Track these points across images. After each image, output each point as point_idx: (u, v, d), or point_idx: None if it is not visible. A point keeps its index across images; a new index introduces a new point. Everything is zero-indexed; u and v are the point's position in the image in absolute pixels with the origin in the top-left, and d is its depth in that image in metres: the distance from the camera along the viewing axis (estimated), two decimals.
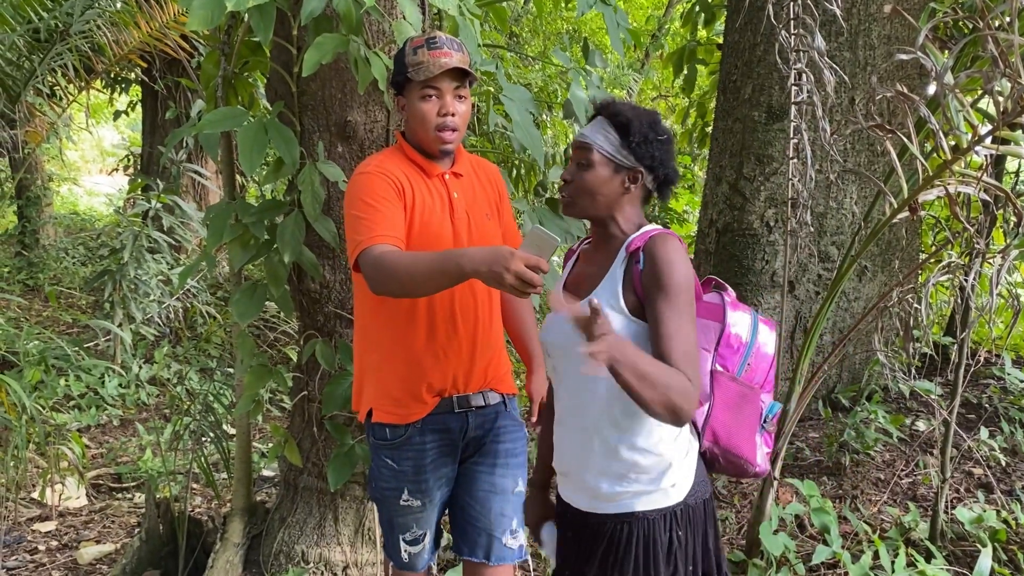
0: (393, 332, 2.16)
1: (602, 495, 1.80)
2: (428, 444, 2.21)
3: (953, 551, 3.14)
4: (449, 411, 2.21)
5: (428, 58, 2.04)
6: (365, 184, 2.08)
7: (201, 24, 2.32)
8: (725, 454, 1.86)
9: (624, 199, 1.79)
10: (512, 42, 10.07)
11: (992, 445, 3.81)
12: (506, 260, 1.64)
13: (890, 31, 4.36)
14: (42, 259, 9.29)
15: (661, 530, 1.76)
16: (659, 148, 1.76)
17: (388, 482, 2.24)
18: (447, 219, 2.16)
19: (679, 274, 1.66)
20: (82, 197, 16.88)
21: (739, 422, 1.85)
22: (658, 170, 1.78)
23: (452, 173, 2.21)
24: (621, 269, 1.76)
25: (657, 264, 1.67)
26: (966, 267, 2.61)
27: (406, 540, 2.28)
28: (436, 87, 2.07)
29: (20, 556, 3.62)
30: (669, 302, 1.64)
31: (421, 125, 2.11)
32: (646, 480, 1.77)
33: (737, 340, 1.86)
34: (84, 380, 5.78)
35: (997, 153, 2.21)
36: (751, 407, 1.87)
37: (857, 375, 4.71)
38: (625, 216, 1.81)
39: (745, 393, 1.86)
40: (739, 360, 1.86)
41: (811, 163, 2.75)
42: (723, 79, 4.92)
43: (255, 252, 2.77)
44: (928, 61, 2.12)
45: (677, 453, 1.78)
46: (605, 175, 1.77)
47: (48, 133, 6.83)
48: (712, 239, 4.79)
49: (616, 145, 1.75)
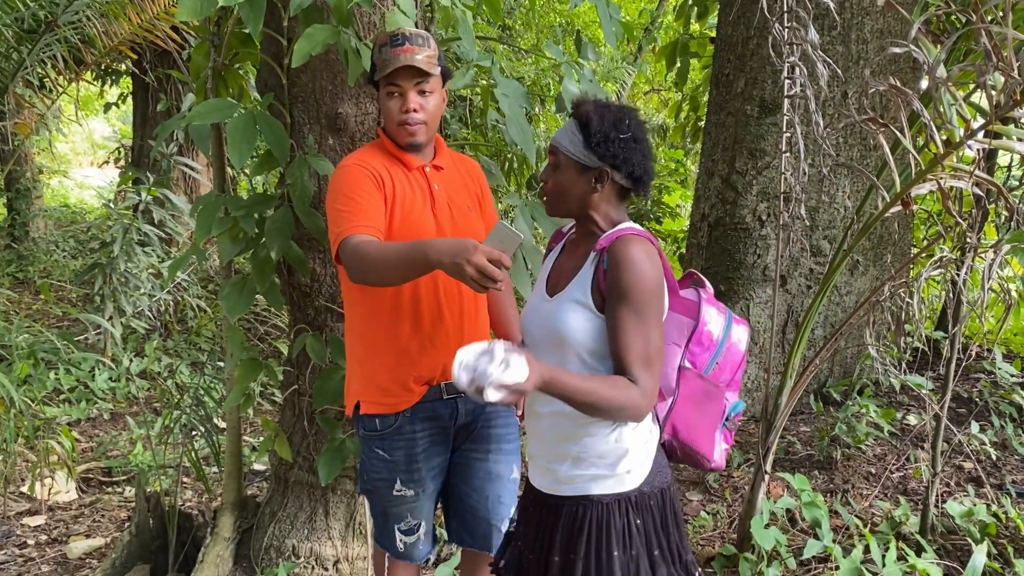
0: (379, 323, 2.18)
1: (561, 477, 1.84)
2: (419, 433, 2.22)
3: (943, 545, 3.15)
4: (438, 398, 2.22)
5: (390, 55, 2.09)
6: (344, 177, 2.12)
7: (190, 15, 2.30)
8: (683, 447, 1.91)
9: (597, 198, 1.80)
10: (505, 35, 10.04)
11: (983, 439, 3.82)
12: (468, 252, 1.67)
13: (883, 25, 4.36)
14: (32, 252, 9.24)
15: (615, 514, 1.80)
16: (621, 146, 1.74)
17: (380, 473, 2.25)
18: (428, 211, 2.19)
19: (640, 277, 1.67)
20: (73, 190, 16.78)
21: (700, 418, 1.89)
22: (622, 168, 1.77)
23: (433, 166, 2.24)
24: (591, 268, 1.78)
25: (618, 266, 1.69)
26: (958, 262, 2.61)
27: (401, 530, 2.29)
28: (397, 84, 2.11)
29: (9, 550, 3.60)
30: (627, 305, 1.67)
31: (388, 121, 2.17)
32: (602, 464, 1.80)
33: (708, 338, 1.88)
34: (74, 374, 5.75)
35: (989, 147, 2.20)
36: (714, 405, 1.90)
37: (849, 369, 4.72)
38: (602, 214, 1.82)
39: (710, 391, 1.90)
40: (708, 358, 1.89)
41: (803, 157, 2.74)
42: (716, 73, 4.91)
43: (244, 246, 2.75)
44: (920, 55, 2.11)
45: (636, 441, 1.81)
46: (572, 176, 1.79)
47: (37, 125, 6.79)
48: (704, 233, 4.79)
49: (579, 146, 1.76)
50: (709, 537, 3.38)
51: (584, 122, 1.75)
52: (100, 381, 5.76)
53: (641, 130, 1.78)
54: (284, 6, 2.61)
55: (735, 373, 1.94)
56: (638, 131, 1.77)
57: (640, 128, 1.78)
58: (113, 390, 5.79)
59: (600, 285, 1.73)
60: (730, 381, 1.94)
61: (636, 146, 1.76)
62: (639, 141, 1.77)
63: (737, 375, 1.95)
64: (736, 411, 1.96)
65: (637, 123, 1.78)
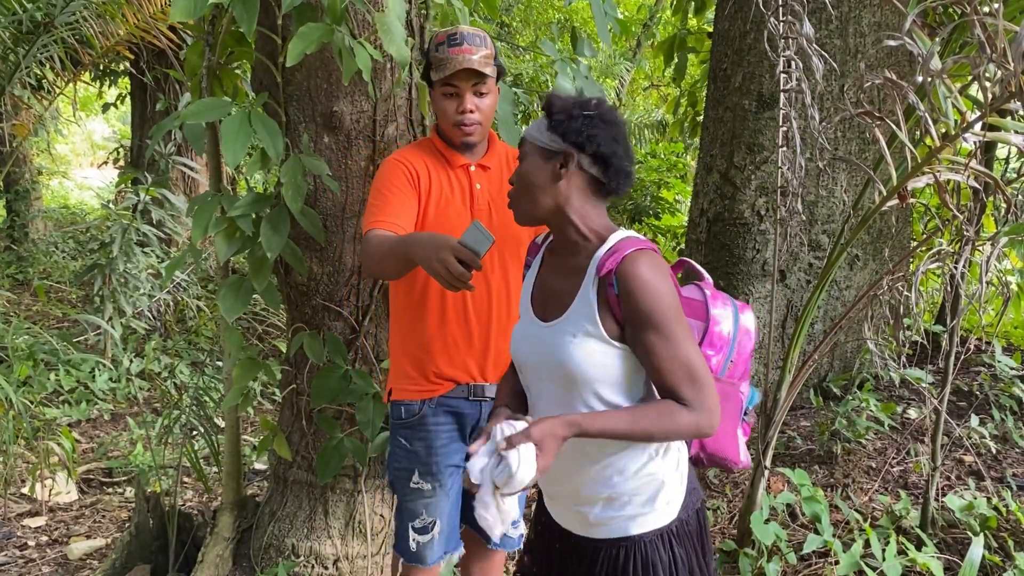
0: (408, 317, 2.27)
1: (593, 520, 1.72)
2: (442, 426, 2.28)
3: (944, 539, 3.15)
4: (464, 397, 2.29)
5: (448, 55, 2.11)
6: (382, 173, 2.20)
7: (184, 15, 2.29)
8: (711, 457, 1.80)
9: (566, 190, 1.61)
10: (503, 32, 10.03)
11: (983, 432, 3.82)
12: (439, 250, 1.65)
13: (880, 18, 4.35)
14: (32, 253, 9.24)
15: (660, 549, 1.69)
16: (585, 122, 1.58)
17: (400, 462, 2.32)
18: (466, 210, 2.23)
19: (659, 297, 1.53)
20: (73, 191, 16.79)
21: (723, 422, 1.73)
22: (588, 147, 1.58)
23: (479, 165, 2.27)
24: (594, 292, 1.59)
25: (633, 292, 1.53)
26: (956, 255, 2.61)
27: (415, 528, 2.31)
28: (455, 84, 2.14)
29: (10, 551, 3.61)
30: (655, 331, 1.53)
31: (442, 120, 2.21)
32: (639, 502, 1.69)
33: (720, 337, 1.75)
34: (74, 375, 5.75)
35: (985, 140, 2.19)
36: (732, 404, 1.78)
37: (848, 363, 4.71)
38: (579, 213, 1.63)
39: (727, 391, 1.76)
40: (723, 359, 1.76)
41: (801, 151, 2.74)
42: (713, 68, 4.90)
43: (241, 245, 2.75)
44: (915, 47, 2.10)
45: (669, 469, 1.71)
46: (538, 164, 1.62)
47: (35, 126, 6.78)
48: (703, 228, 4.78)
49: (542, 129, 1.62)
50: (709, 533, 3.38)
51: (547, 107, 1.63)
52: (100, 382, 5.76)
53: (612, 115, 1.62)
54: (278, 4, 2.60)
55: (747, 363, 1.82)
56: (608, 115, 1.61)
57: (611, 113, 1.62)
58: (113, 391, 5.80)
59: (614, 312, 1.57)
60: (743, 373, 1.82)
61: (603, 125, 1.59)
62: (607, 122, 1.60)
63: (748, 364, 1.84)
64: (752, 403, 1.86)
65: (607, 108, 1.63)
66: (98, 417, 5.42)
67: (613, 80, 12.95)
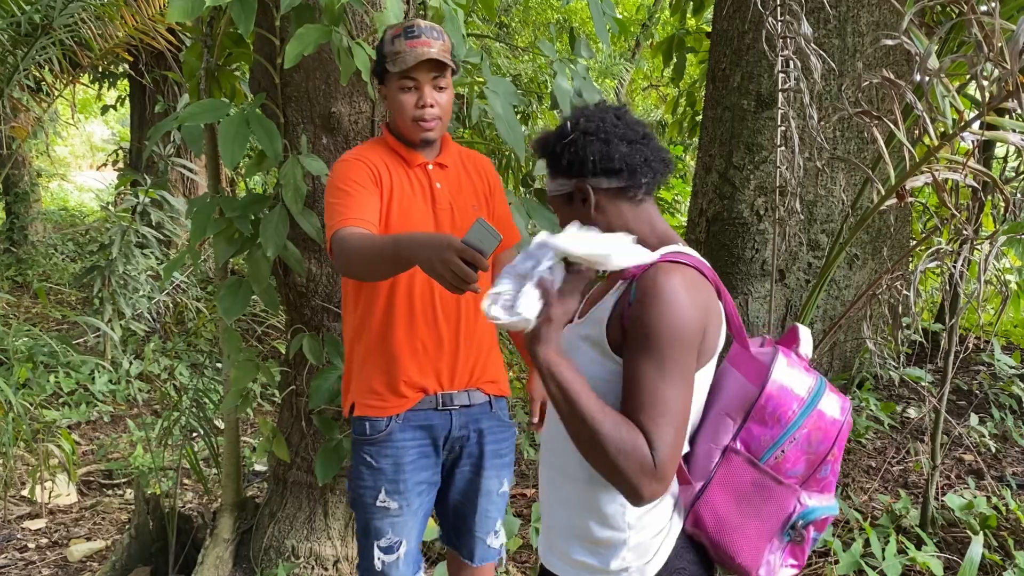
0: (373, 325, 2.15)
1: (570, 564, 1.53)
2: (409, 442, 2.17)
3: (944, 537, 3.15)
4: (432, 408, 2.18)
5: (405, 48, 2.02)
6: (341, 171, 2.08)
7: (181, 16, 2.30)
8: (715, 547, 1.49)
9: (603, 218, 1.51)
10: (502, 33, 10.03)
11: (982, 431, 3.82)
12: (443, 250, 1.52)
13: (879, 18, 4.35)
14: (31, 256, 9.23)
15: None
16: (571, 149, 1.49)
17: (365, 480, 2.19)
18: (428, 209, 2.15)
19: (671, 317, 1.34)
20: (72, 193, 16.79)
21: (743, 518, 1.46)
22: (586, 170, 1.49)
23: (436, 163, 2.19)
24: (614, 298, 1.47)
25: (645, 301, 1.36)
26: (955, 254, 2.60)
27: (380, 547, 2.21)
28: (414, 78, 2.05)
29: (10, 554, 3.60)
30: (650, 353, 1.34)
31: (400, 116, 2.10)
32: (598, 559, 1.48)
33: (775, 415, 1.43)
34: (74, 377, 5.75)
35: (983, 139, 2.19)
36: (772, 506, 1.46)
37: (848, 363, 4.71)
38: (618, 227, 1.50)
39: (765, 485, 1.45)
40: (770, 442, 1.44)
41: (799, 151, 2.74)
42: (712, 68, 4.90)
43: (240, 246, 2.75)
44: (913, 46, 2.10)
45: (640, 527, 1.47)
46: (566, 212, 1.54)
47: (34, 129, 6.78)
48: (702, 228, 4.78)
49: (551, 178, 1.55)
50: None
51: (542, 155, 1.56)
52: (100, 384, 5.76)
53: (591, 123, 1.51)
54: (276, 6, 2.60)
55: (817, 467, 1.45)
56: (587, 125, 1.50)
57: (590, 121, 1.51)
58: (113, 392, 5.80)
59: (623, 320, 1.41)
60: (808, 478, 1.46)
61: (587, 139, 1.48)
62: (591, 133, 1.49)
63: (822, 470, 1.46)
64: (812, 518, 1.47)
65: (583, 119, 1.52)
66: (98, 419, 5.42)
67: (612, 80, 12.95)
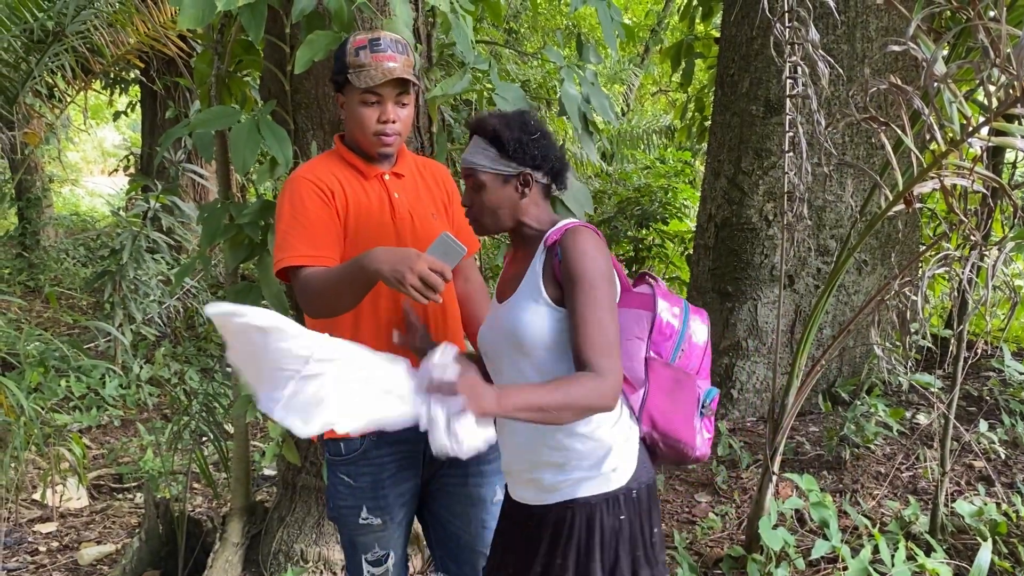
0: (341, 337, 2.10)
1: (546, 486, 1.83)
2: (386, 457, 2.11)
3: (953, 544, 3.13)
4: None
5: (371, 62, 1.97)
6: (292, 193, 2.03)
7: (192, 23, 2.31)
8: (664, 438, 1.88)
9: (525, 203, 1.83)
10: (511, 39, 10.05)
11: (992, 438, 3.80)
12: (411, 261, 1.64)
13: (888, 23, 4.35)
14: (43, 260, 9.29)
15: (604, 514, 1.79)
16: (535, 146, 1.79)
17: (345, 500, 2.14)
18: (388, 220, 2.10)
19: (593, 265, 1.69)
20: (84, 198, 16.89)
21: (675, 406, 1.88)
22: (543, 165, 1.81)
23: (392, 174, 2.15)
24: (540, 262, 1.79)
25: (571, 256, 1.70)
26: (964, 259, 2.60)
27: (368, 560, 2.17)
28: (378, 93, 2.00)
29: (21, 557, 3.63)
30: (584, 293, 1.67)
31: (360, 129, 2.05)
32: (586, 466, 1.80)
33: (669, 328, 1.89)
34: (85, 381, 5.78)
35: (991, 144, 2.19)
36: (687, 392, 1.89)
37: (857, 368, 4.70)
38: (534, 217, 1.85)
39: (680, 378, 1.89)
40: (672, 346, 1.90)
41: (808, 156, 2.74)
42: (721, 73, 4.91)
43: (249, 252, 2.77)
44: (920, 51, 2.11)
45: (617, 438, 1.81)
46: (497, 190, 1.81)
47: (47, 135, 6.83)
48: (711, 234, 4.78)
49: (495, 158, 1.79)
50: (717, 538, 3.37)
51: (493, 135, 1.78)
52: (110, 388, 5.79)
53: (543, 125, 1.84)
54: (286, 13, 2.62)
55: (701, 361, 1.94)
56: (542, 128, 1.83)
57: (541, 124, 1.84)
58: (123, 397, 5.83)
59: (556, 276, 1.74)
60: (699, 368, 1.94)
61: (546, 142, 1.82)
62: (547, 137, 1.83)
63: (704, 363, 1.95)
64: (711, 397, 1.95)
65: (537, 120, 1.83)
66: (108, 423, 5.45)
67: (621, 86, 12.97)
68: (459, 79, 2.73)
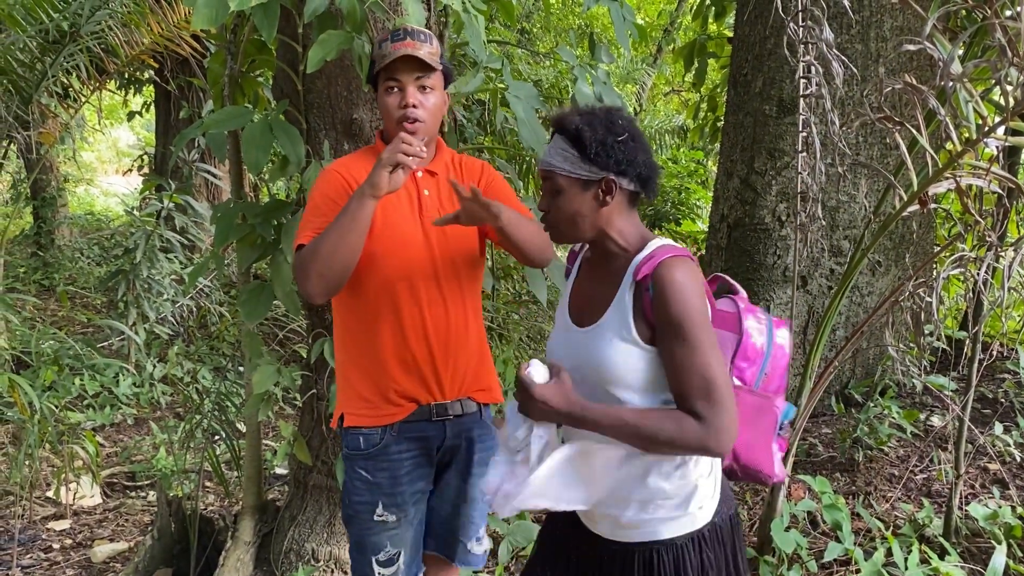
0: (362, 333, 2.12)
1: (625, 523, 1.72)
2: (405, 454, 2.13)
3: (968, 548, 3.11)
4: (427, 419, 2.13)
5: (389, 50, 2.00)
6: (320, 182, 2.09)
7: (205, 23, 2.31)
8: (744, 469, 1.76)
9: (607, 212, 1.66)
10: (523, 39, 10.05)
11: (1007, 440, 3.77)
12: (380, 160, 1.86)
13: (902, 23, 4.32)
14: (57, 259, 9.35)
15: (691, 553, 1.70)
16: (621, 149, 1.61)
17: (362, 495, 2.14)
18: (415, 217, 2.10)
19: (691, 306, 1.54)
20: (98, 197, 16.99)
21: (757, 435, 1.75)
22: (629, 171, 1.62)
23: (426, 171, 2.15)
24: (630, 296, 1.62)
25: (667, 297, 1.54)
26: (979, 260, 2.58)
27: (380, 561, 2.16)
28: (397, 79, 2.02)
29: (35, 554, 3.65)
30: (683, 339, 1.54)
31: (387, 118, 2.08)
32: (671, 506, 1.69)
33: (755, 351, 1.74)
34: (98, 379, 5.81)
35: (1007, 144, 2.17)
36: (768, 418, 1.77)
37: (871, 370, 4.67)
38: (618, 230, 1.68)
39: (762, 405, 1.75)
40: (757, 371, 1.75)
41: (821, 156, 2.72)
42: (734, 73, 4.89)
43: (262, 251, 2.77)
44: (936, 51, 2.09)
45: (701, 474, 1.71)
46: (577, 196, 1.64)
47: (62, 134, 6.87)
48: (723, 234, 4.76)
49: (576, 161, 1.62)
50: (743, 540, 3.36)
51: (575, 135, 1.61)
52: (124, 387, 5.82)
53: (634, 127, 1.65)
54: (299, 13, 2.63)
55: (782, 378, 1.80)
56: (632, 129, 1.64)
57: (632, 125, 1.65)
58: (136, 395, 5.86)
59: (647, 315, 1.59)
60: (778, 387, 1.80)
61: (635, 144, 1.62)
62: (636, 139, 1.63)
63: (783, 379, 1.82)
64: (788, 418, 1.83)
65: (628, 121, 1.64)
66: (121, 422, 5.48)
67: (634, 85, 12.94)
68: (472, 78, 2.72)
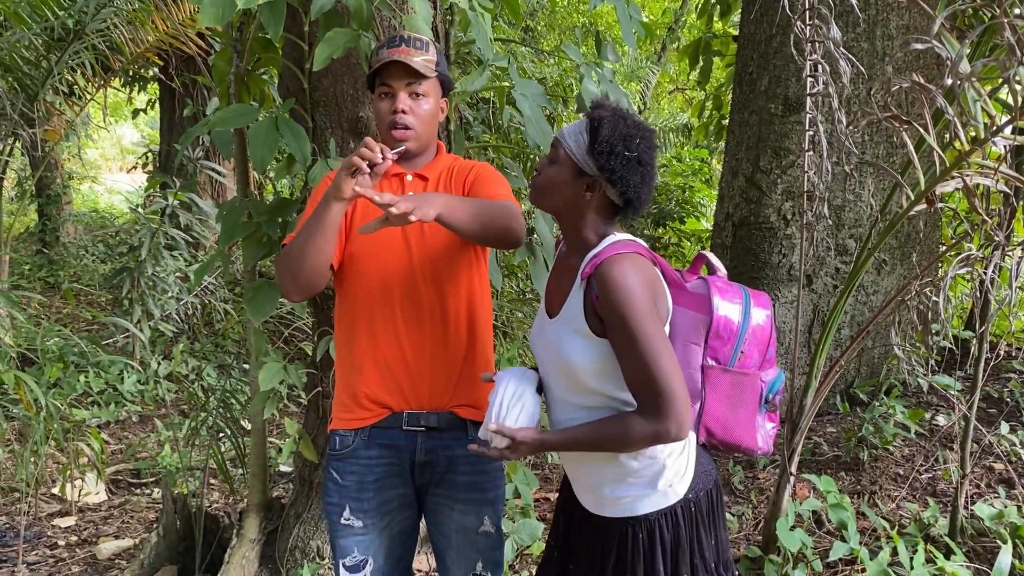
0: (343, 334, 2.12)
1: (606, 499, 1.81)
2: (374, 460, 2.08)
3: (973, 547, 3.11)
4: (397, 427, 2.07)
5: (384, 56, 2.00)
6: (320, 184, 2.14)
7: (212, 21, 2.31)
8: (723, 444, 1.85)
9: (584, 205, 1.74)
10: (528, 37, 10.03)
11: (1013, 440, 3.76)
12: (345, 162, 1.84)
13: (909, 21, 4.31)
14: (62, 257, 9.37)
15: (665, 529, 1.77)
16: (623, 163, 1.67)
17: (332, 497, 2.12)
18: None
19: (631, 300, 1.60)
20: (103, 195, 17.01)
21: (735, 412, 1.82)
22: (617, 184, 1.69)
23: (416, 175, 2.11)
24: (580, 295, 1.71)
25: (608, 293, 1.61)
26: (985, 259, 2.57)
27: (346, 565, 2.12)
28: (389, 84, 2.02)
29: (40, 551, 3.66)
30: (625, 333, 1.61)
31: (379, 123, 2.07)
32: (642, 483, 1.76)
33: (727, 330, 1.80)
34: (103, 377, 5.82)
35: (1015, 144, 2.17)
36: (748, 394, 1.83)
37: (876, 369, 4.66)
38: (589, 223, 1.76)
39: (739, 381, 1.82)
40: (731, 349, 1.81)
41: (827, 155, 2.72)
42: (739, 71, 4.88)
43: (267, 249, 2.77)
44: (944, 50, 2.08)
45: (669, 454, 1.76)
46: (566, 176, 1.73)
47: (67, 132, 6.88)
48: (728, 233, 4.76)
49: (582, 148, 1.69)
50: (734, 539, 3.36)
51: (595, 126, 1.68)
52: (128, 384, 5.83)
53: (649, 154, 1.71)
54: (305, 11, 2.63)
55: (766, 352, 1.84)
56: (645, 153, 1.70)
57: (649, 151, 1.71)
58: (141, 393, 5.87)
59: (596, 310, 1.67)
60: (762, 361, 1.84)
61: (638, 168, 1.69)
62: (643, 164, 1.70)
63: (770, 352, 1.85)
64: (775, 389, 1.87)
65: (647, 145, 1.70)
66: (126, 419, 5.49)
67: (638, 83, 12.92)
68: (478, 76, 2.72)
